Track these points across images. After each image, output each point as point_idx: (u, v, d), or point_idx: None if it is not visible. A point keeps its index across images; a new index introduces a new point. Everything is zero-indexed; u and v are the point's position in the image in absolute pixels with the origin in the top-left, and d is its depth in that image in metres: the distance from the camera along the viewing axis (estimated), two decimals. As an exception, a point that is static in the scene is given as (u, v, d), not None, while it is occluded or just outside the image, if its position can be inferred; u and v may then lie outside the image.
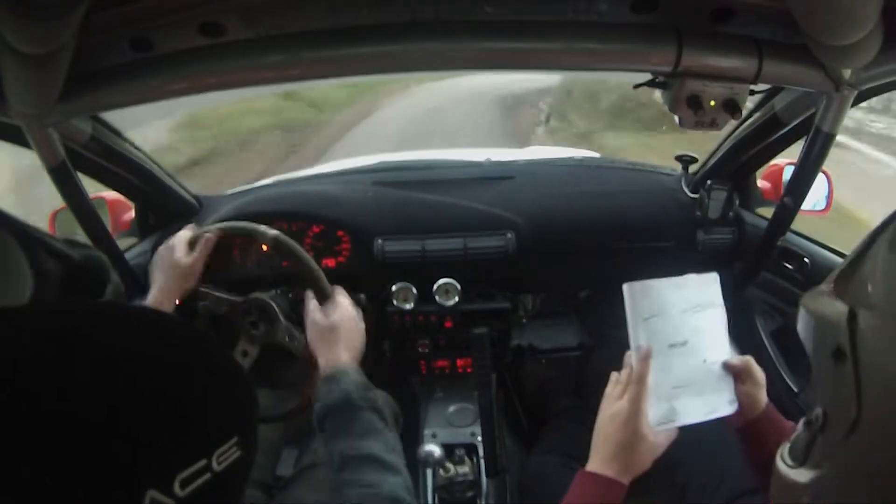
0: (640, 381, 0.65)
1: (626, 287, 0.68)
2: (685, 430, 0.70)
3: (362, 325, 0.84)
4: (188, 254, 0.93)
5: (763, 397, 0.70)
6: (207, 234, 0.95)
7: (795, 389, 1.08)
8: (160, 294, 0.90)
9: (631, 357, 0.68)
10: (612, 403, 0.67)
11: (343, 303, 0.84)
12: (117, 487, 0.27)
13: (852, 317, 0.30)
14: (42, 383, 0.27)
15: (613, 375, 0.70)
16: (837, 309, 0.31)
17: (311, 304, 0.84)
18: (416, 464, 1.03)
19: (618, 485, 0.63)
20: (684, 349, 0.68)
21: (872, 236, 0.33)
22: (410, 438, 1.19)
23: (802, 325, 0.38)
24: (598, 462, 0.65)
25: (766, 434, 0.68)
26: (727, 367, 0.70)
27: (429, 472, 1.12)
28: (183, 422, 0.31)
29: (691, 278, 0.70)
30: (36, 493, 0.26)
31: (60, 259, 0.53)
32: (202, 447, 0.31)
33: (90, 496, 0.27)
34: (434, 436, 1.22)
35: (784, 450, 0.38)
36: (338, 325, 0.80)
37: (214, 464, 0.31)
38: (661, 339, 0.68)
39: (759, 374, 0.70)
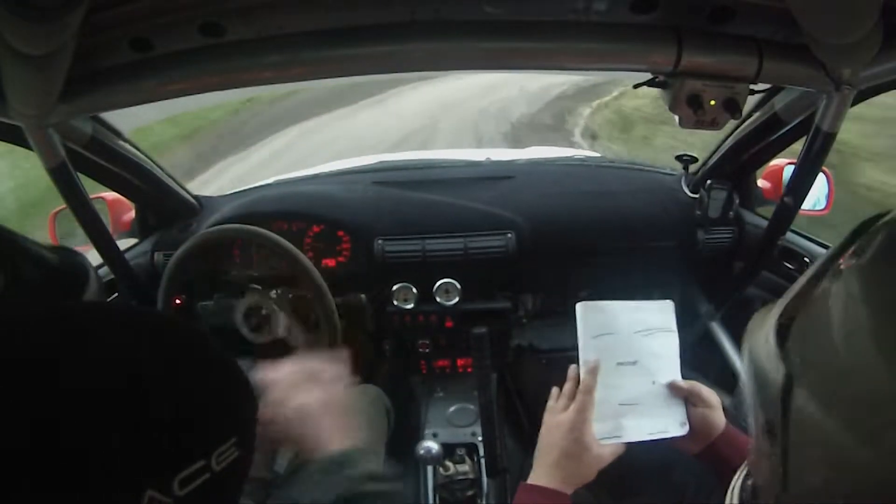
0: (587, 391, 0.66)
1: (579, 306, 0.69)
2: None
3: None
4: None
5: (719, 419, 0.69)
6: None
7: None
8: None
9: (575, 371, 0.69)
10: (556, 415, 0.67)
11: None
12: (116, 487, 0.27)
13: (788, 387, 0.24)
14: (40, 384, 0.27)
15: (555, 390, 0.70)
16: (774, 369, 0.25)
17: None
18: (415, 462, 1.04)
19: (561, 495, 0.62)
20: (633, 368, 0.69)
21: (831, 257, 0.27)
22: (411, 438, 1.19)
23: (744, 370, 0.31)
24: (541, 472, 0.64)
25: (728, 456, 0.67)
26: (673, 388, 0.70)
27: (429, 469, 1.12)
28: (182, 422, 0.31)
29: (647, 303, 0.71)
30: (35, 494, 0.26)
31: (37, 263, 0.53)
32: (201, 447, 0.31)
33: (89, 496, 0.27)
34: (435, 435, 1.23)
35: (734, 496, 0.35)
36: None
37: (214, 464, 0.31)
38: (609, 356, 0.68)
39: (710, 395, 0.70)
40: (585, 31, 0.68)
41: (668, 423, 0.69)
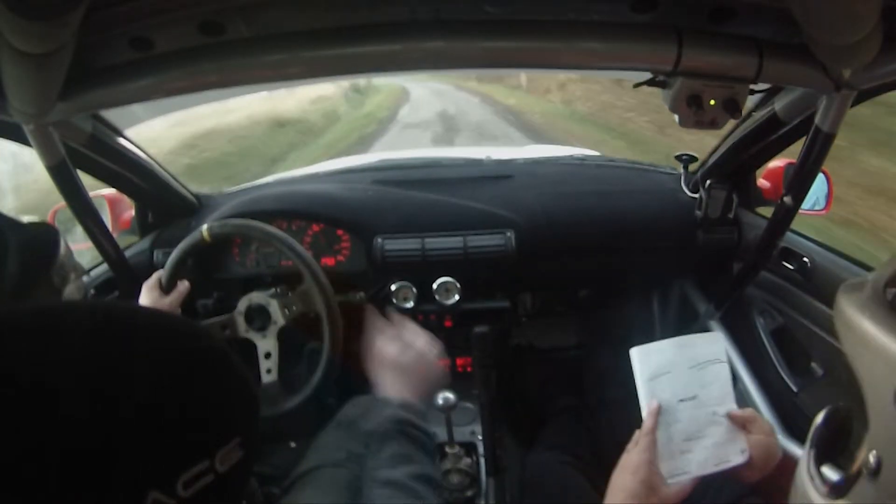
0: (648, 433, 0.68)
1: (633, 351, 0.72)
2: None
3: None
4: (163, 295, 0.98)
5: (777, 447, 0.70)
6: (184, 284, 1.01)
7: (795, 389, 1.08)
8: None
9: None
10: (626, 455, 0.69)
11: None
12: (119, 488, 0.27)
13: None
14: (42, 384, 0.27)
15: (636, 433, 0.72)
16: None
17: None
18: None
19: None
20: (693, 403, 0.71)
21: None
22: None
23: (850, 346, 0.30)
24: None
25: (787, 484, 0.68)
26: (732, 418, 0.71)
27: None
28: (185, 423, 0.31)
29: (697, 337, 0.74)
30: (38, 494, 0.26)
31: (12, 227, 0.61)
32: (204, 448, 0.31)
33: (92, 497, 0.27)
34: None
35: (809, 464, 0.33)
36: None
37: (217, 465, 0.31)
38: (669, 395, 0.71)
39: (765, 423, 0.71)
40: (585, 30, 0.68)
41: (730, 453, 0.70)
